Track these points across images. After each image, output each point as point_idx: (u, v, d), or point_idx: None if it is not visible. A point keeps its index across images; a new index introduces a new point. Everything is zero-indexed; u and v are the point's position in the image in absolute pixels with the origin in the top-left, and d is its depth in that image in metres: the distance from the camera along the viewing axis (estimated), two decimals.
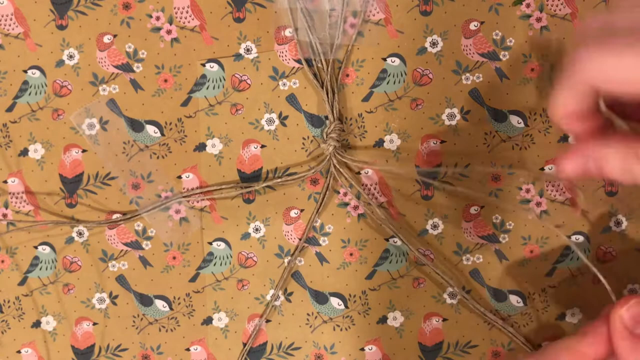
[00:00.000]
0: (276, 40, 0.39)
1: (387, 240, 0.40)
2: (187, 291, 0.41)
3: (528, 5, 0.38)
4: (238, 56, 0.40)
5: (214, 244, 0.41)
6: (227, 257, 0.41)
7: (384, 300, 0.41)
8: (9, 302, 0.42)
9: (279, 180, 0.40)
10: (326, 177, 0.40)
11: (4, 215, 0.41)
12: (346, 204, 0.40)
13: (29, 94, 0.40)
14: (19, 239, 0.41)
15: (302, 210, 0.40)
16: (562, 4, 0.38)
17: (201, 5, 0.39)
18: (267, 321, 0.41)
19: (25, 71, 0.40)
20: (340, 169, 0.39)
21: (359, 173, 0.40)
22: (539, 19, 0.38)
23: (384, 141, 0.40)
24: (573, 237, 0.40)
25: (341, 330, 0.41)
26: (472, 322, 0.41)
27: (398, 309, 0.41)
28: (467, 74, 0.39)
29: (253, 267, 0.41)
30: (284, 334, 0.41)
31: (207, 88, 0.40)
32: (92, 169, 0.41)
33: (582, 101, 0.30)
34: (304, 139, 0.40)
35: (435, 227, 0.40)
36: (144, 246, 0.41)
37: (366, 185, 0.40)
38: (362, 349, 0.41)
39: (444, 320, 0.41)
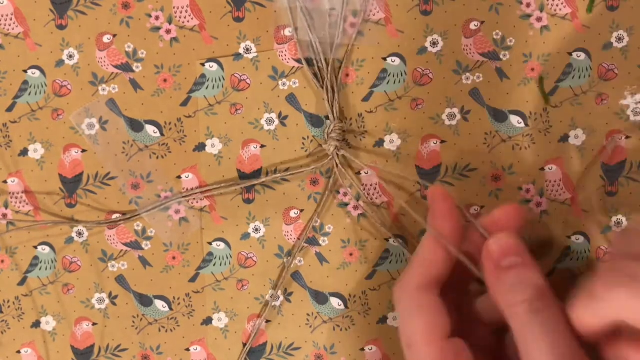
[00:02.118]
0: (276, 39, 0.39)
1: (387, 240, 0.40)
2: (186, 291, 0.41)
3: (528, 5, 0.38)
4: (237, 56, 0.39)
5: (214, 244, 0.41)
6: (227, 257, 0.41)
7: (384, 300, 0.41)
8: (8, 302, 0.42)
9: (279, 175, 0.40)
10: (328, 177, 0.40)
11: (4, 215, 0.41)
12: (346, 204, 0.40)
13: (29, 94, 0.40)
14: (18, 239, 0.41)
15: (302, 211, 0.40)
16: (562, 4, 0.38)
17: (200, 5, 0.39)
18: (267, 321, 0.41)
19: (25, 71, 0.40)
20: (343, 169, 0.39)
21: (358, 173, 0.40)
22: (539, 19, 0.38)
23: (384, 141, 0.40)
24: (573, 237, 0.40)
25: (341, 330, 0.41)
26: None
27: None
28: (468, 74, 0.39)
29: (253, 267, 0.41)
30: (284, 334, 0.41)
31: (207, 88, 0.40)
32: (91, 169, 0.41)
33: (605, 327, 0.29)
34: (303, 139, 0.40)
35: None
36: (143, 246, 0.41)
37: (366, 186, 0.40)
38: (362, 349, 0.41)
39: None
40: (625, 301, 0.28)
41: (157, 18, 0.39)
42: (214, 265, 0.41)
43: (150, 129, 0.40)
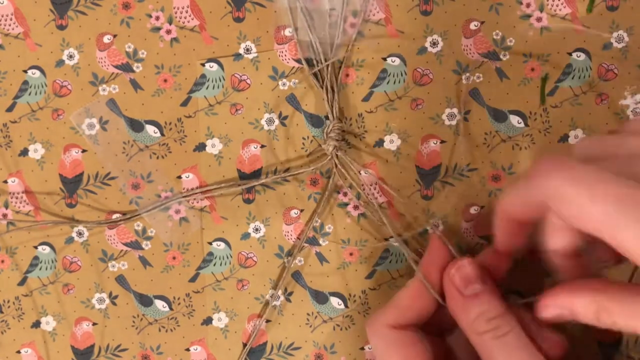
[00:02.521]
0: (276, 39, 0.39)
1: (387, 240, 0.40)
2: (187, 291, 0.41)
3: (528, 5, 0.38)
4: (238, 56, 0.40)
5: (214, 244, 0.41)
6: (227, 257, 0.41)
7: (384, 299, 0.41)
8: (8, 302, 0.42)
9: (279, 176, 0.40)
10: (327, 177, 0.40)
11: (4, 215, 0.41)
12: (346, 204, 0.40)
13: (29, 94, 0.40)
14: (19, 239, 0.41)
15: (302, 210, 0.40)
16: (562, 4, 0.38)
17: (201, 5, 0.39)
18: (267, 321, 0.41)
19: (25, 71, 0.40)
20: (342, 169, 0.39)
21: (359, 173, 0.40)
22: (539, 19, 0.38)
23: (384, 141, 0.40)
24: None
25: (341, 329, 0.41)
26: None
27: None
28: (467, 74, 0.39)
29: (253, 267, 0.41)
30: (284, 334, 0.41)
31: (207, 88, 0.40)
32: (92, 169, 0.41)
33: (529, 210, 0.31)
34: (303, 139, 0.40)
35: (435, 227, 0.40)
36: (143, 246, 0.41)
37: (366, 185, 0.40)
38: (362, 348, 0.41)
39: None
40: (554, 185, 0.28)
41: (157, 18, 0.39)
42: (214, 265, 0.41)
43: (150, 129, 0.40)
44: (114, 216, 0.41)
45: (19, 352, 0.42)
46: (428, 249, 0.37)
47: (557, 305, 0.31)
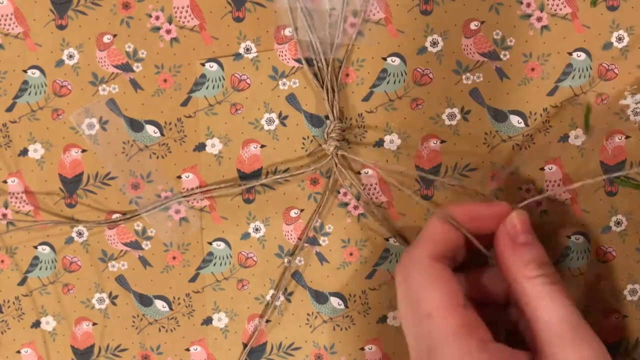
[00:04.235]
0: (276, 39, 0.39)
1: (387, 240, 0.40)
2: (186, 291, 0.41)
3: (528, 5, 0.38)
4: (238, 56, 0.40)
5: (214, 244, 0.41)
6: (227, 257, 0.41)
7: (384, 299, 0.41)
8: (8, 302, 0.42)
9: (279, 176, 0.40)
10: (327, 177, 0.40)
11: (4, 215, 0.41)
12: (346, 204, 0.40)
13: (29, 94, 0.40)
14: (18, 239, 0.41)
15: (302, 210, 0.40)
16: (562, 4, 0.38)
17: (201, 5, 0.39)
18: (267, 321, 0.41)
19: (25, 71, 0.40)
20: (342, 169, 0.39)
21: (359, 173, 0.40)
22: (539, 19, 0.38)
23: (384, 141, 0.40)
24: (573, 237, 0.40)
25: (341, 330, 0.41)
26: None
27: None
28: (468, 74, 0.39)
29: (253, 267, 0.41)
30: (284, 334, 0.41)
31: (207, 88, 0.40)
32: (91, 169, 0.41)
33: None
34: (303, 139, 0.40)
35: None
36: (143, 246, 0.41)
37: (366, 185, 0.40)
38: (362, 349, 0.41)
39: None
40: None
41: (157, 18, 0.39)
42: (214, 265, 0.41)
43: (150, 129, 0.40)
44: (114, 216, 0.41)
45: (19, 352, 0.42)
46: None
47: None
